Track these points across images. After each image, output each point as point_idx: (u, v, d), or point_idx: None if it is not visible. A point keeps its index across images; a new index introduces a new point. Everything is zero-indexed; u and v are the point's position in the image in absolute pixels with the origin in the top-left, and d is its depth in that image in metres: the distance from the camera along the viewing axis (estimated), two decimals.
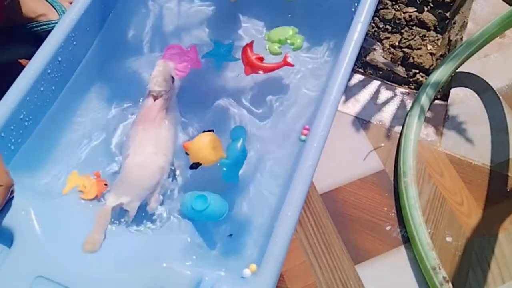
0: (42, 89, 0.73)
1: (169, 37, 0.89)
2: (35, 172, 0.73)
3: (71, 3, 0.85)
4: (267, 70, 0.78)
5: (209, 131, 0.70)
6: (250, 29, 0.89)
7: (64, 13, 0.98)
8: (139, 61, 0.85)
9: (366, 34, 0.96)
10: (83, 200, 0.69)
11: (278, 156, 0.77)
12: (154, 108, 0.73)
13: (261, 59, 0.78)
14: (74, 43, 0.77)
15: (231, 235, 0.70)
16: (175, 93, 0.78)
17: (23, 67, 0.71)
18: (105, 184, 0.70)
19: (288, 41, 0.78)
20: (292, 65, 0.78)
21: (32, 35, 0.96)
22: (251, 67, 0.77)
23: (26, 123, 0.71)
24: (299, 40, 0.78)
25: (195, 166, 0.68)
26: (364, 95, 1.04)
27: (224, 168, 0.70)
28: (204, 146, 0.67)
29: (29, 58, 0.72)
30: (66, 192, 0.69)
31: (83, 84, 0.81)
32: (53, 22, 0.95)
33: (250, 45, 0.78)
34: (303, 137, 0.76)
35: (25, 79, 0.70)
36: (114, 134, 0.78)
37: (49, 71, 0.73)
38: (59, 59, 0.75)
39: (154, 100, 0.73)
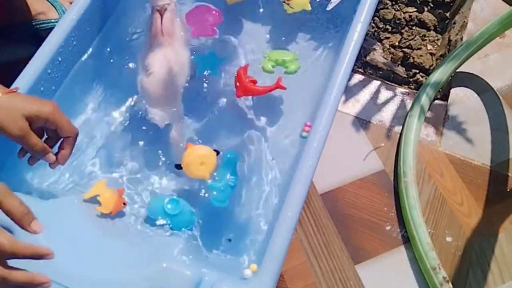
0: (42, 89, 0.73)
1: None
2: (35, 172, 0.73)
3: (71, 3, 0.85)
4: (259, 93, 0.77)
5: (216, 152, 0.70)
6: (250, 41, 0.88)
7: (64, 12, 0.98)
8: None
9: (366, 34, 0.96)
10: (93, 207, 0.68)
11: (278, 156, 0.77)
12: (165, 21, 0.73)
13: (254, 82, 0.77)
14: (74, 43, 0.77)
15: (230, 240, 0.70)
16: (176, 5, 0.77)
17: (23, 67, 0.71)
18: (124, 204, 0.69)
19: (285, 64, 0.79)
20: (284, 88, 0.76)
21: (32, 34, 0.96)
22: (243, 91, 0.76)
23: None
24: (294, 66, 0.79)
25: (178, 167, 0.70)
26: (364, 95, 1.04)
27: (214, 192, 0.69)
28: (193, 157, 0.68)
29: (29, 58, 0.72)
30: (87, 197, 0.68)
31: (83, 84, 0.81)
32: (52, 20, 0.95)
33: (244, 68, 0.77)
34: (304, 134, 0.76)
35: (25, 79, 0.70)
36: (114, 134, 0.78)
37: (49, 71, 0.73)
38: (59, 59, 0.75)
39: (161, 16, 0.74)
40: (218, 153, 0.70)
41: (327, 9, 0.81)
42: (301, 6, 0.81)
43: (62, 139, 0.62)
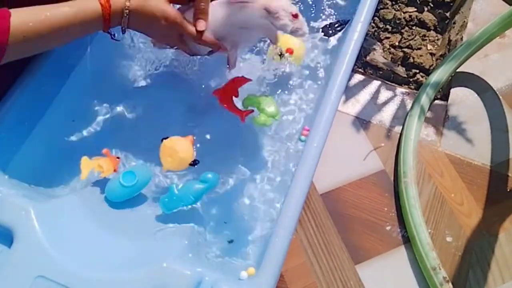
0: (42, 88, 0.73)
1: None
2: (35, 172, 0.73)
3: None
4: (228, 108, 0.75)
5: (194, 162, 0.69)
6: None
7: None
8: (138, 61, 0.85)
9: (366, 34, 0.96)
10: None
11: (278, 156, 0.77)
12: None
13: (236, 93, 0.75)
14: (74, 43, 0.77)
15: (231, 241, 0.70)
16: None
17: (23, 67, 0.71)
18: (117, 158, 0.71)
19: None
20: (242, 120, 0.74)
21: None
22: (222, 94, 0.75)
23: (26, 123, 0.72)
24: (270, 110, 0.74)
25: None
26: (364, 95, 1.04)
27: (166, 199, 0.68)
28: (168, 146, 0.68)
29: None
30: (84, 177, 0.68)
31: (82, 84, 0.81)
32: None
33: (241, 81, 0.75)
34: (303, 138, 0.76)
35: (26, 79, 0.70)
36: (114, 135, 0.78)
37: (49, 71, 0.73)
38: (60, 59, 0.75)
39: None
40: (194, 163, 0.69)
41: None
42: (299, 60, 0.81)
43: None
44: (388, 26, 1.15)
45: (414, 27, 1.15)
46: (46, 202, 0.66)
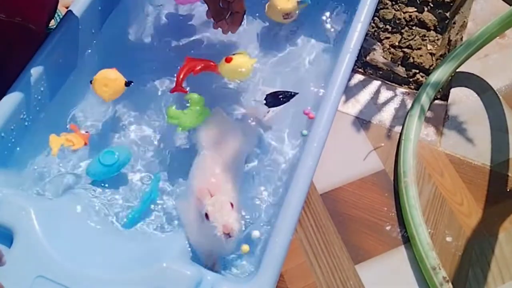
0: (42, 89, 0.73)
1: (168, 39, 0.89)
2: (35, 171, 0.73)
3: (67, 7, 0.85)
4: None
5: (128, 82, 0.72)
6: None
7: (60, 17, 0.98)
8: (137, 61, 0.85)
9: (366, 34, 0.96)
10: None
11: (278, 156, 0.77)
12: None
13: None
14: (75, 43, 0.77)
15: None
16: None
17: (23, 67, 0.71)
18: (86, 132, 0.75)
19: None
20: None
21: None
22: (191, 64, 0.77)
23: (26, 123, 0.72)
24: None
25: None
26: (364, 95, 1.04)
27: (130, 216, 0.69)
28: (101, 77, 0.71)
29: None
30: (55, 154, 0.70)
31: (81, 84, 0.81)
32: (50, 27, 0.95)
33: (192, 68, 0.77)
34: (304, 132, 0.76)
35: (26, 79, 0.70)
36: (113, 135, 0.78)
37: (50, 71, 0.73)
38: (60, 60, 0.75)
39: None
40: (129, 83, 0.72)
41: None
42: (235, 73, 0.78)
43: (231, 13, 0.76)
44: (388, 26, 1.15)
45: (414, 27, 1.15)
46: (46, 202, 0.66)
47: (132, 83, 0.73)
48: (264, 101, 0.77)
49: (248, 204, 0.73)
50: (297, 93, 0.76)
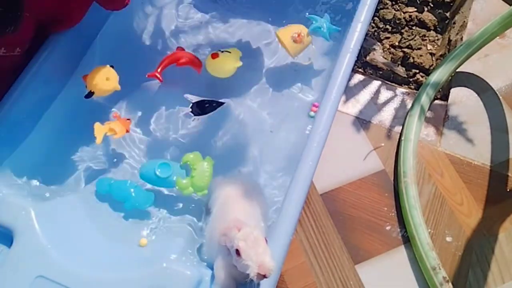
0: (42, 89, 0.73)
1: (168, 38, 0.89)
2: (35, 172, 0.73)
3: None
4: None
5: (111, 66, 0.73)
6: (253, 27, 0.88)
7: None
8: (137, 61, 0.86)
9: (366, 34, 0.96)
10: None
11: (278, 156, 0.77)
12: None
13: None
14: (75, 43, 0.77)
15: None
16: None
17: (24, 67, 0.71)
18: (128, 119, 0.75)
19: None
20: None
21: None
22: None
23: (26, 123, 0.72)
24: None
25: (89, 95, 0.72)
26: (364, 95, 1.04)
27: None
28: (98, 77, 0.71)
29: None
30: (99, 142, 0.70)
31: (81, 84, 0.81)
32: None
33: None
34: (312, 113, 0.79)
35: (26, 79, 0.70)
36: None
37: (50, 71, 0.73)
38: (60, 60, 0.75)
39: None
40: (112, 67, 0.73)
41: None
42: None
43: None
44: (388, 26, 1.15)
45: (414, 27, 1.15)
46: (46, 202, 0.66)
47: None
48: (190, 109, 0.78)
49: None
50: (223, 103, 0.77)
